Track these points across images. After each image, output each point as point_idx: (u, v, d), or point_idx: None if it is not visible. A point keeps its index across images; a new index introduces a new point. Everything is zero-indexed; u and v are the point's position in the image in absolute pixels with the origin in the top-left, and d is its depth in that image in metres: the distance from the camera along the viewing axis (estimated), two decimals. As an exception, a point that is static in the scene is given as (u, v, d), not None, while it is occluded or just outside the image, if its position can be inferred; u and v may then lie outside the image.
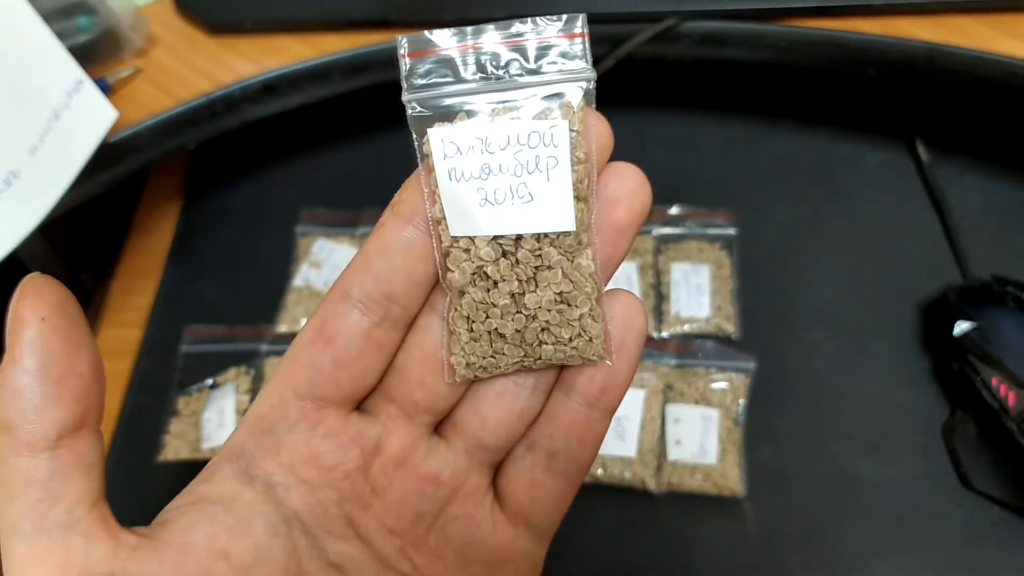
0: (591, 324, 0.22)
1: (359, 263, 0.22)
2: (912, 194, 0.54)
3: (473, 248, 0.21)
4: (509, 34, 0.21)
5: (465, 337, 0.22)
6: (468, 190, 0.21)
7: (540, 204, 0.21)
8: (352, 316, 0.21)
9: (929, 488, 0.43)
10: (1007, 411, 0.41)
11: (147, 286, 0.54)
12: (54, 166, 0.40)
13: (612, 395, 0.23)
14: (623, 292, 0.23)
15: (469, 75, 0.21)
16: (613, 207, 0.21)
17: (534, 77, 0.21)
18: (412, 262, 0.21)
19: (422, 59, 0.21)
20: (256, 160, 0.59)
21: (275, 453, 0.22)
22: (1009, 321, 0.44)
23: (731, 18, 0.47)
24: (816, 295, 0.50)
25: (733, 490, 0.43)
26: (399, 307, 0.22)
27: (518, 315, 0.22)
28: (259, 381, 0.49)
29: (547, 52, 0.21)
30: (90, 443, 0.20)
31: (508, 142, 0.21)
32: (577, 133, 0.21)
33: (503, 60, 0.21)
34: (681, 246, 0.52)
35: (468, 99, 0.21)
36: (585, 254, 0.21)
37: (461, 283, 0.21)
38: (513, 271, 0.21)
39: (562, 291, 0.21)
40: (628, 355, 0.22)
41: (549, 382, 0.23)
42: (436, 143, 0.21)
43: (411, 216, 0.21)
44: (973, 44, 0.45)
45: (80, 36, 0.45)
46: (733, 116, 0.58)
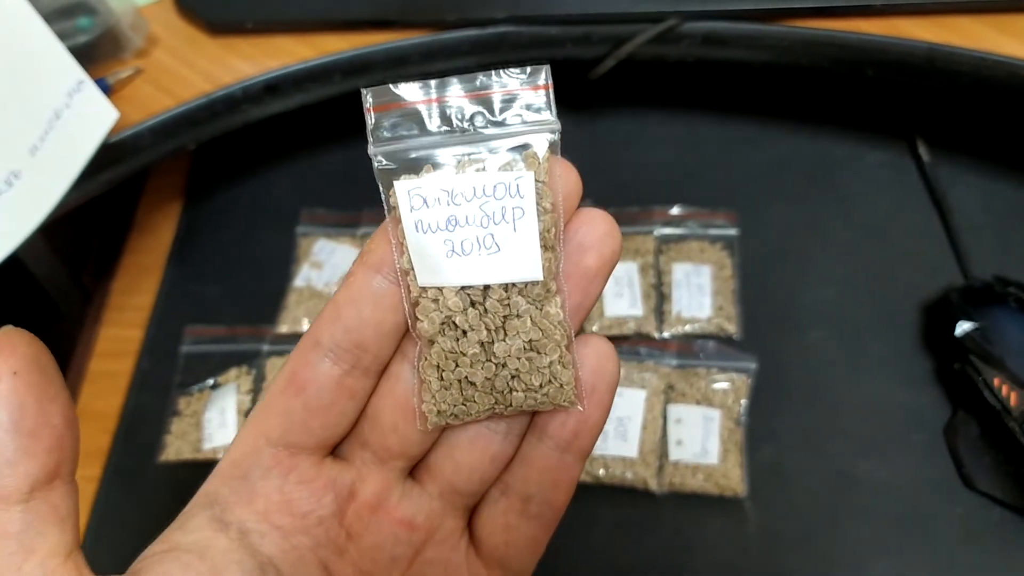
0: (561, 371, 0.22)
1: (330, 313, 0.22)
2: (913, 194, 0.54)
3: (441, 298, 0.21)
4: (473, 87, 0.21)
5: (436, 385, 0.22)
6: (435, 241, 0.21)
7: (507, 254, 0.21)
8: (323, 365, 0.22)
9: (930, 488, 0.43)
10: (1009, 411, 0.41)
11: (148, 286, 0.54)
12: (55, 166, 0.40)
13: (584, 440, 0.23)
14: (595, 337, 0.23)
15: (435, 128, 0.21)
16: (582, 254, 0.22)
17: (499, 129, 0.21)
18: (381, 312, 0.22)
19: (388, 112, 0.21)
20: (257, 160, 0.59)
21: (249, 500, 0.22)
22: (1010, 321, 0.44)
23: (732, 18, 0.47)
24: (817, 295, 0.50)
25: (735, 490, 0.43)
26: (370, 355, 0.22)
27: (488, 363, 0.22)
28: (260, 381, 0.49)
29: (512, 104, 0.22)
30: (64, 494, 0.20)
31: (474, 193, 0.21)
32: (543, 183, 0.21)
33: (468, 113, 0.21)
34: (682, 246, 0.52)
35: (434, 151, 0.21)
36: (554, 302, 0.22)
37: (430, 333, 0.21)
38: (482, 320, 0.21)
39: (531, 339, 0.22)
40: (599, 400, 0.22)
41: (522, 427, 0.23)
42: (403, 195, 0.21)
43: (380, 266, 0.22)
44: (974, 44, 0.45)
45: (81, 36, 0.45)
46: (734, 116, 0.58)
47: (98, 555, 0.44)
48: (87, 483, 0.46)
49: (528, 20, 0.48)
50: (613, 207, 0.53)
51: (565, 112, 0.58)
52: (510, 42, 0.49)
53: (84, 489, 0.46)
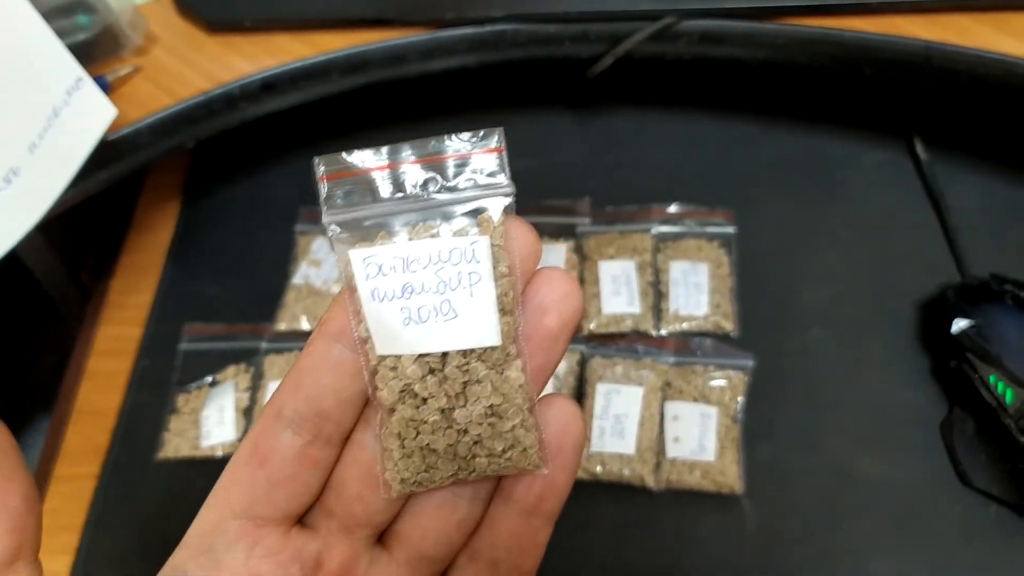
0: (524, 435, 0.22)
1: (290, 382, 0.22)
2: (910, 193, 0.54)
3: (400, 366, 0.21)
4: (426, 152, 0.21)
5: (398, 454, 0.22)
6: (392, 309, 0.21)
7: (464, 320, 0.21)
8: (285, 436, 0.22)
9: (927, 486, 0.44)
10: (1005, 408, 0.41)
11: (146, 284, 0.54)
12: (53, 164, 0.40)
13: (551, 503, 0.23)
14: (559, 398, 0.23)
15: (388, 194, 0.21)
16: (542, 315, 0.22)
17: (453, 194, 0.21)
18: (341, 380, 0.21)
19: (340, 181, 0.21)
20: (255, 158, 0.59)
21: (215, 573, 0.22)
22: (1007, 319, 0.44)
23: (729, 17, 0.47)
24: (815, 293, 0.50)
25: (732, 487, 0.43)
26: (331, 424, 0.22)
27: (449, 430, 0.21)
28: (259, 379, 0.49)
29: (465, 168, 0.21)
30: (26, 575, 0.20)
31: (430, 260, 0.21)
32: (499, 247, 0.21)
33: (421, 179, 0.21)
34: (680, 244, 0.52)
35: (388, 219, 0.21)
36: (514, 366, 0.21)
37: (390, 401, 0.21)
38: (441, 387, 0.21)
39: (492, 404, 0.21)
40: (565, 462, 0.22)
41: (488, 491, 0.23)
42: (358, 264, 0.21)
43: (339, 335, 0.21)
44: (971, 43, 0.46)
45: (79, 34, 0.45)
46: (731, 115, 0.58)
47: (96, 552, 0.44)
48: (86, 481, 0.46)
49: (526, 18, 0.48)
50: (611, 205, 0.54)
51: (563, 110, 0.59)
52: (508, 40, 0.49)
53: (83, 487, 0.46)
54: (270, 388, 0.48)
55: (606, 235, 0.52)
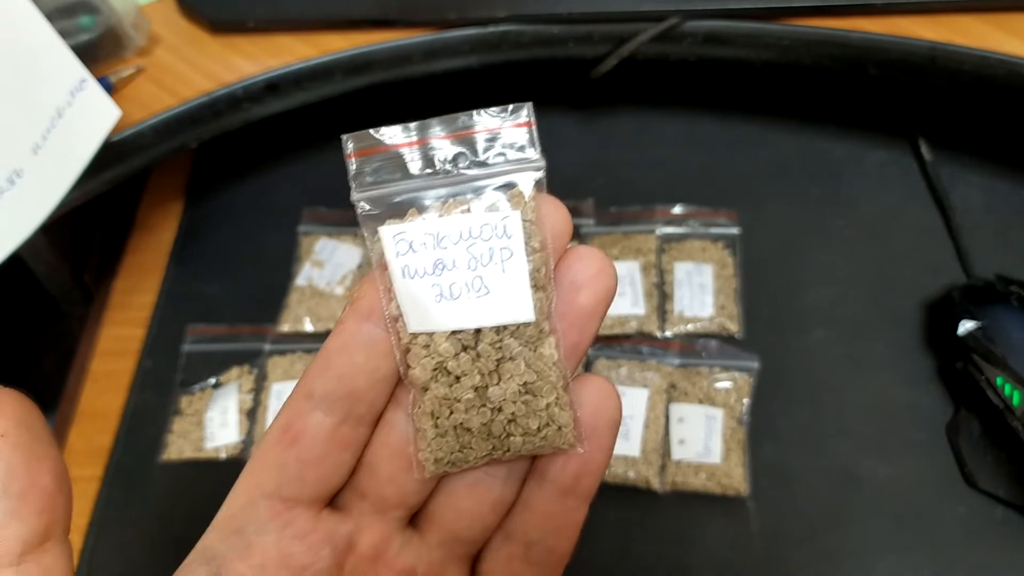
0: (559, 413, 0.21)
1: (321, 362, 0.22)
2: (915, 193, 0.53)
3: (432, 344, 0.21)
4: (455, 127, 0.21)
5: (431, 433, 0.21)
6: (423, 286, 0.21)
7: (497, 296, 0.21)
8: (315, 416, 0.21)
9: (933, 487, 0.43)
10: (1011, 410, 0.41)
11: (149, 285, 0.54)
12: (57, 165, 0.40)
13: (586, 483, 0.22)
14: (594, 378, 0.22)
15: (418, 171, 0.21)
16: (576, 293, 0.21)
17: (483, 169, 0.21)
18: (373, 360, 0.21)
19: (369, 158, 0.21)
20: (258, 159, 0.59)
21: (246, 555, 0.21)
22: (1013, 320, 0.44)
23: (733, 17, 0.47)
24: (819, 294, 0.50)
25: (737, 489, 0.43)
26: (363, 405, 0.21)
27: (483, 408, 0.21)
28: (262, 380, 0.49)
29: (495, 143, 0.21)
30: (56, 555, 0.20)
31: (461, 236, 0.21)
32: (531, 223, 0.21)
33: (451, 154, 0.21)
34: (684, 245, 0.52)
35: (418, 195, 0.21)
36: (548, 343, 0.21)
37: (423, 379, 0.21)
38: (475, 365, 0.21)
39: (526, 382, 0.21)
40: (600, 442, 0.22)
41: (522, 471, 0.23)
42: (388, 241, 0.21)
43: (370, 313, 0.21)
44: (976, 43, 0.45)
45: (82, 35, 0.45)
46: (736, 115, 0.58)
47: (99, 554, 0.44)
48: (89, 482, 0.46)
49: (530, 19, 0.48)
50: (615, 206, 0.53)
51: (567, 111, 0.59)
52: (511, 41, 0.49)
53: (86, 488, 0.46)
54: (274, 390, 0.48)
55: (610, 236, 0.52)
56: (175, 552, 0.46)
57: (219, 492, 0.50)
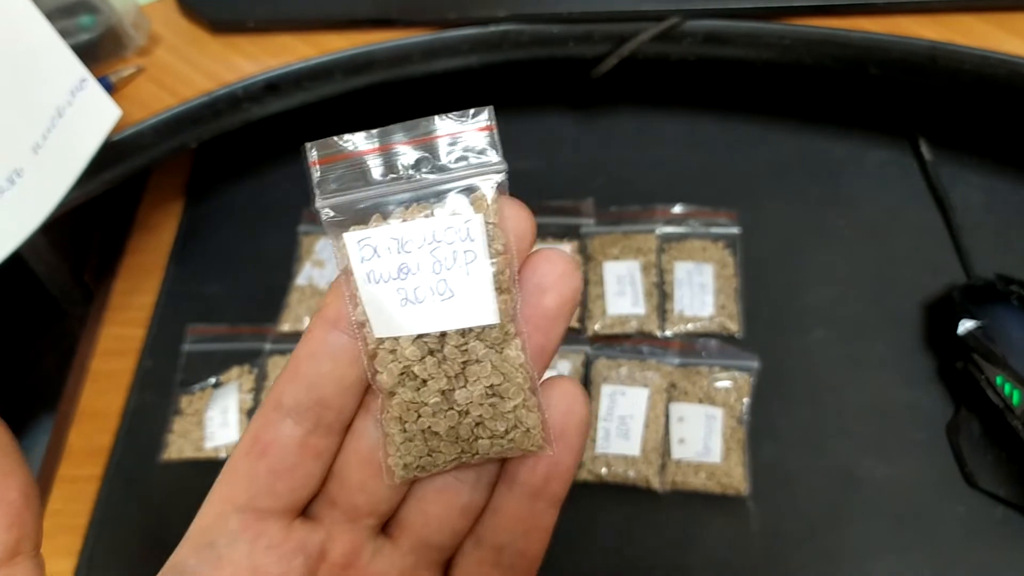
0: (526, 415, 0.21)
1: (289, 371, 0.22)
2: (915, 193, 0.53)
3: (398, 349, 0.21)
4: (417, 133, 0.21)
5: (399, 438, 0.21)
6: (388, 291, 0.21)
7: (461, 299, 0.21)
8: (285, 425, 0.21)
9: (933, 487, 0.43)
10: (1012, 410, 0.41)
11: (150, 285, 0.54)
12: (57, 164, 0.40)
13: (556, 485, 0.22)
14: (562, 379, 0.22)
15: (381, 177, 0.21)
16: (541, 295, 0.21)
17: (445, 174, 0.21)
18: (341, 367, 0.21)
19: (333, 164, 0.21)
20: (259, 159, 0.59)
21: (217, 568, 0.21)
22: (1013, 320, 0.44)
23: (733, 17, 0.47)
24: (820, 294, 0.50)
25: (737, 489, 0.43)
26: (332, 412, 0.22)
27: (450, 412, 0.21)
28: (262, 380, 0.49)
29: (456, 147, 0.21)
30: (27, 569, 0.20)
31: (424, 240, 0.21)
32: (493, 225, 0.21)
33: (413, 159, 0.21)
34: (684, 245, 0.52)
35: (382, 200, 0.21)
36: (513, 344, 0.21)
37: (390, 384, 0.21)
38: (440, 368, 0.21)
39: (492, 384, 0.21)
40: (570, 443, 0.22)
41: (492, 475, 0.23)
42: (352, 247, 0.21)
43: (336, 320, 0.21)
44: (977, 43, 0.45)
45: (83, 35, 0.45)
46: (736, 115, 0.58)
47: (99, 554, 0.44)
48: (89, 482, 0.46)
49: (530, 18, 0.48)
50: (615, 205, 0.54)
51: (567, 111, 0.59)
52: (511, 40, 0.49)
53: (85, 488, 0.46)
54: (274, 389, 0.48)
55: (610, 235, 0.52)
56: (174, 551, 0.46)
57: (219, 492, 0.49)
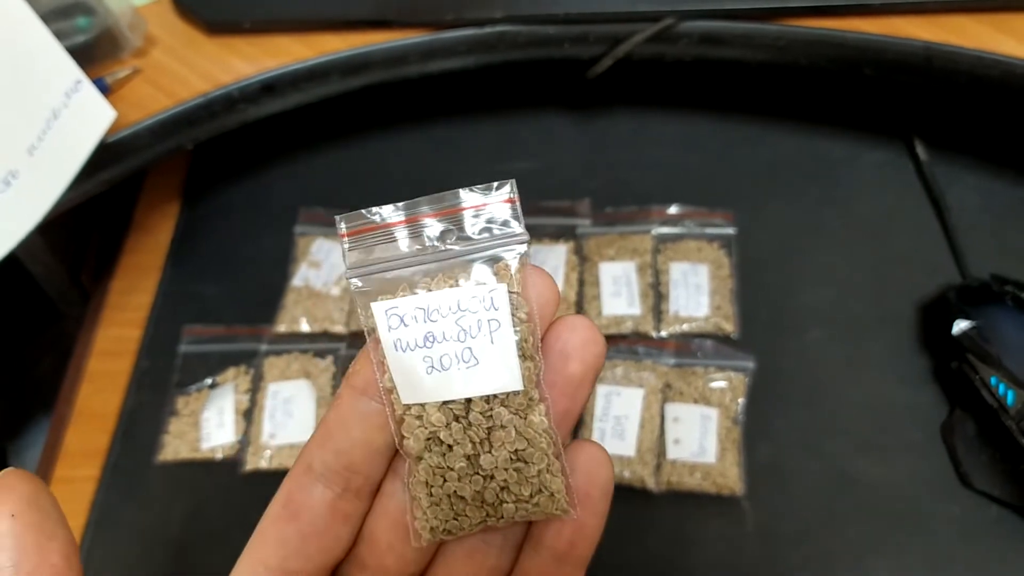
0: (550, 479, 0.22)
1: (319, 436, 0.22)
2: (911, 193, 0.54)
3: (425, 415, 0.21)
4: (442, 205, 0.22)
5: (426, 502, 0.22)
6: (415, 359, 0.21)
7: (486, 367, 0.21)
8: (316, 490, 0.22)
9: (928, 487, 0.44)
10: (1006, 410, 0.41)
11: (146, 286, 0.54)
12: (53, 166, 0.40)
13: (581, 548, 0.23)
14: (588, 444, 0.23)
15: (407, 248, 0.22)
16: (565, 361, 0.22)
17: (470, 245, 0.22)
18: (370, 432, 0.22)
19: (361, 236, 0.22)
20: (255, 160, 0.59)
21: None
22: (1008, 320, 0.44)
23: (729, 18, 0.47)
24: (815, 294, 0.50)
25: (732, 489, 0.43)
26: (361, 477, 0.22)
27: (475, 476, 0.22)
28: (258, 381, 0.49)
29: (480, 219, 0.22)
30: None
31: (450, 309, 0.21)
32: (517, 294, 0.22)
33: (439, 231, 0.22)
34: (680, 246, 0.52)
35: (408, 271, 0.22)
36: (537, 410, 0.22)
37: (416, 449, 0.22)
38: (466, 434, 0.21)
39: (517, 449, 0.22)
40: (594, 508, 0.22)
41: (518, 537, 0.23)
42: (380, 316, 0.21)
43: (365, 387, 0.22)
44: (971, 44, 0.45)
45: (78, 36, 0.45)
46: (731, 116, 0.58)
47: (95, 555, 0.44)
48: (85, 483, 0.46)
49: (526, 19, 0.48)
50: (611, 206, 0.54)
51: (563, 112, 0.59)
52: (508, 41, 0.49)
53: (82, 489, 0.46)
54: (270, 390, 0.48)
55: (606, 236, 0.52)
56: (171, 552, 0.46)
57: (215, 493, 0.50)
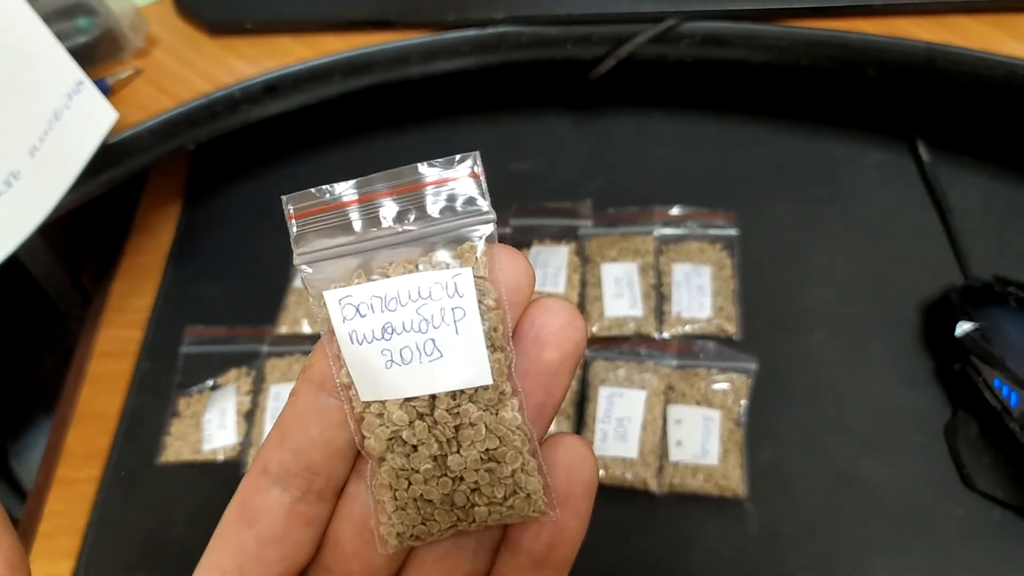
0: (526, 479, 0.20)
1: (276, 435, 0.21)
2: (913, 194, 0.53)
3: (385, 413, 0.20)
4: (399, 182, 0.20)
5: (391, 506, 0.20)
6: (372, 352, 0.20)
7: (451, 360, 0.19)
8: (273, 493, 0.20)
9: (931, 488, 0.43)
10: (1009, 411, 0.41)
11: (147, 287, 0.54)
12: (54, 167, 0.40)
13: (562, 552, 0.21)
14: (566, 437, 0.21)
15: (362, 229, 0.20)
16: (540, 348, 0.20)
17: (431, 225, 0.20)
18: (330, 430, 0.20)
19: (312, 217, 0.20)
20: (256, 161, 0.59)
21: None
22: (1011, 321, 0.44)
23: (731, 19, 0.47)
24: (817, 295, 0.50)
25: (735, 491, 0.43)
26: (321, 478, 0.21)
27: (443, 479, 0.20)
28: (260, 382, 0.49)
29: (442, 196, 0.20)
30: None
31: (409, 297, 0.20)
32: (483, 279, 0.20)
33: (396, 210, 0.20)
34: (682, 247, 0.52)
35: (364, 255, 0.20)
36: (509, 405, 0.20)
37: (378, 450, 0.20)
38: (431, 433, 0.20)
39: (488, 448, 0.20)
40: (575, 507, 0.21)
41: (494, 540, 0.22)
42: (333, 306, 0.20)
43: (323, 382, 0.20)
44: (974, 44, 0.45)
45: (80, 37, 0.45)
46: (734, 116, 0.58)
47: (97, 556, 0.44)
48: (87, 484, 0.46)
49: (528, 20, 0.48)
50: (613, 207, 0.54)
51: (565, 112, 0.59)
52: (510, 42, 0.49)
53: (84, 490, 0.46)
54: (272, 391, 0.48)
55: (608, 237, 0.52)
56: (172, 554, 0.46)
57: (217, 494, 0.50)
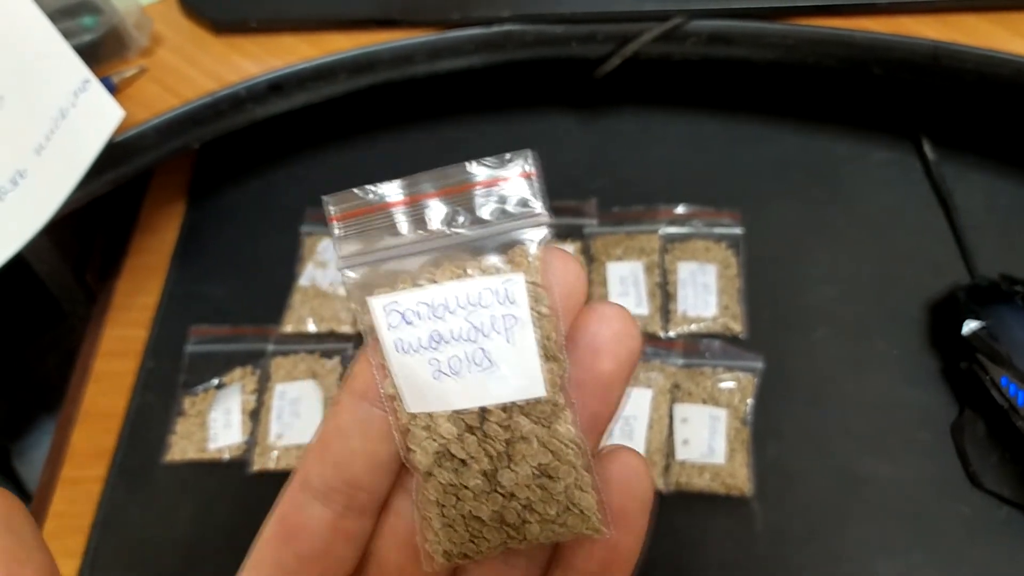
0: (580, 495, 0.19)
1: (317, 448, 0.20)
2: (919, 192, 0.53)
3: (433, 425, 0.19)
4: (448, 183, 0.19)
5: (438, 523, 0.19)
6: (419, 362, 0.19)
7: (503, 370, 0.19)
8: (314, 508, 0.20)
9: (937, 487, 0.43)
10: (1016, 410, 0.41)
11: (152, 286, 0.54)
12: (60, 166, 0.40)
13: (615, 571, 0.20)
14: (623, 451, 0.20)
15: (409, 232, 0.19)
16: (595, 357, 0.19)
17: (481, 228, 0.19)
18: (373, 443, 0.19)
19: (355, 220, 0.19)
20: (261, 159, 0.59)
21: None
22: (1018, 320, 0.43)
23: (737, 17, 0.47)
24: (823, 294, 0.50)
25: (741, 489, 0.43)
26: (364, 493, 0.20)
27: (494, 495, 0.19)
28: (265, 381, 0.49)
29: (493, 197, 0.19)
30: None
31: (459, 304, 0.19)
32: (537, 284, 0.19)
33: (445, 212, 0.19)
34: (687, 245, 0.52)
35: (410, 260, 0.19)
36: (563, 418, 0.19)
37: (425, 464, 0.19)
38: (482, 447, 0.19)
39: (541, 463, 0.19)
40: (631, 525, 0.20)
41: (545, 559, 0.21)
42: (378, 313, 0.19)
43: (365, 392, 0.19)
44: (979, 42, 0.45)
45: (85, 35, 0.45)
46: (739, 115, 0.58)
47: (102, 555, 0.44)
48: (92, 483, 0.46)
49: (533, 19, 0.48)
50: (618, 206, 0.53)
51: (570, 111, 0.59)
52: (515, 41, 0.48)
53: (89, 489, 0.46)
54: (277, 390, 0.48)
55: (613, 236, 0.52)
56: (178, 553, 0.46)
57: (222, 493, 0.50)
